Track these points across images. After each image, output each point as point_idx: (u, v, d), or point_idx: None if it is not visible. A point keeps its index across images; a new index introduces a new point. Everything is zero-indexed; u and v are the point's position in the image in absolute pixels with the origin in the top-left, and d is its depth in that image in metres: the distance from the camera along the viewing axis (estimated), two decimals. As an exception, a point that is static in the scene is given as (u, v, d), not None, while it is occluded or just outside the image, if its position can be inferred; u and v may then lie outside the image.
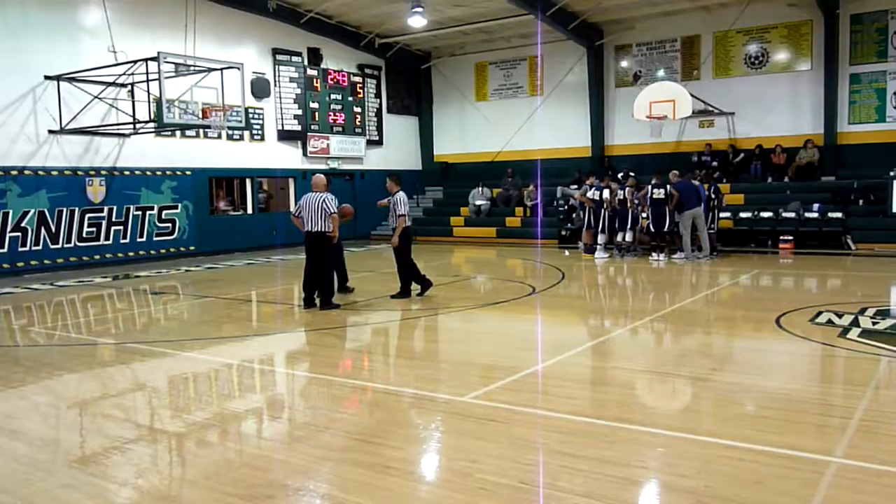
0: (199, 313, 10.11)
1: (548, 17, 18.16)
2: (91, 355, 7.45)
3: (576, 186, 19.16)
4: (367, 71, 21.90)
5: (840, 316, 8.21)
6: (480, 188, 21.36)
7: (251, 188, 19.20)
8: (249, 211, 19.34)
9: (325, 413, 5.36)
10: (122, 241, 15.87)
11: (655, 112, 17.02)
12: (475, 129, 22.96)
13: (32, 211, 14.34)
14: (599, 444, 4.42)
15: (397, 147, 23.14)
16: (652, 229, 14.82)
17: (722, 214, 16.08)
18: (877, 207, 16.33)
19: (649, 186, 14.73)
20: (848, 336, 7.24)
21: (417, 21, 18.48)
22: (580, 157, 20.68)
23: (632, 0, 18.35)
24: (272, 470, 4.16)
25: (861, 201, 16.66)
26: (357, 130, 21.44)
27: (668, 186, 14.50)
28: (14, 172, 14.07)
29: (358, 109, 21.47)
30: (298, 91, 19.71)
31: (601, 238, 15.45)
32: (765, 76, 18.52)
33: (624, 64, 20.46)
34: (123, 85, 15.14)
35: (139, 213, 16.17)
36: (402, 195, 10.09)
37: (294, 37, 19.54)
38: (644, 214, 15.06)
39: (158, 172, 16.52)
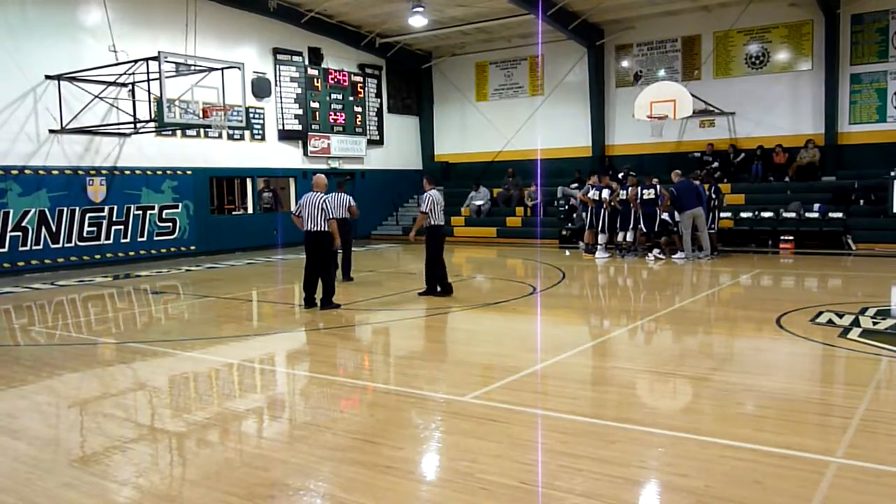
0: (200, 313, 10.11)
1: (548, 17, 18.14)
2: (92, 355, 7.46)
3: (576, 185, 19.17)
4: (368, 70, 21.91)
5: (841, 316, 8.21)
6: (476, 189, 21.28)
7: (252, 188, 19.22)
8: (250, 211, 19.37)
9: (325, 413, 5.36)
10: (122, 241, 15.87)
11: (656, 112, 17.02)
12: (476, 128, 22.97)
13: (33, 210, 14.34)
14: (599, 444, 4.42)
15: (398, 147, 23.15)
16: (644, 229, 14.85)
17: (723, 214, 16.08)
18: (877, 207, 16.33)
19: (639, 187, 14.75)
20: (848, 336, 7.24)
21: (418, 21, 18.49)
22: (580, 157, 20.67)
23: (632, 0, 18.35)
24: (272, 470, 4.16)
25: (862, 201, 16.66)
26: (358, 130, 21.44)
27: (658, 187, 14.54)
28: (14, 172, 14.08)
29: (358, 109, 21.47)
30: (299, 91, 19.72)
31: (602, 238, 15.46)
32: (765, 76, 18.52)
33: (624, 64, 20.46)
34: (124, 84, 15.15)
35: (140, 212, 16.17)
36: (430, 194, 10.15)
37: (294, 36, 19.54)
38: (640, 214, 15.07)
39: (159, 172, 16.53)
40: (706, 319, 8.96)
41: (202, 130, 17.19)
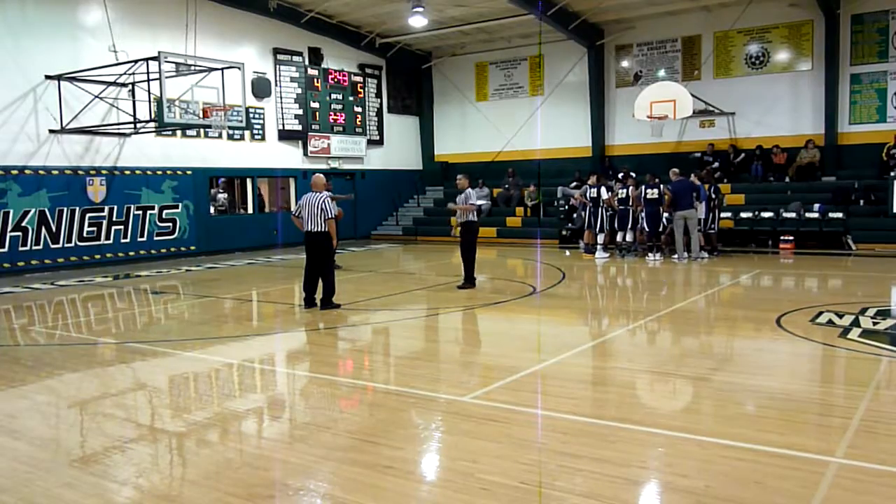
0: (200, 313, 10.11)
1: (548, 17, 18.15)
2: (92, 355, 7.45)
3: (575, 185, 19.18)
4: (368, 70, 21.91)
5: (841, 316, 8.21)
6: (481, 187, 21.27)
7: (252, 188, 19.22)
8: (250, 211, 19.37)
9: (325, 413, 5.36)
10: (122, 241, 15.87)
11: (656, 112, 17.02)
12: (476, 128, 22.96)
13: (33, 210, 14.34)
14: (599, 444, 4.42)
15: (398, 147, 23.16)
16: (647, 229, 14.83)
17: (723, 215, 16.07)
18: (877, 208, 16.34)
19: (643, 186, 14.73)
20: (848, 336, 7.24)
21: (418, 21, 18.48)
22: (580, 157, 20.69)
23: (632, 0, 18.36)
24: (272, 470, 4.17)
25: (862, 201, 16.66)
26: (358, 130, 21.44)
27: (661, 186, 14.50)
28: (15, 172, 14.08)
29: (358, 109, 21.47)
30: (299, 91, 19.72)
31: (601, 238, 15.45)
32: (765, 76, 18.52)
33: (624, 64, 20.46)
34: (124, 84, 15.15)
35: (140, 212, 16.17)
36: (470, 189, 10.88)
37: (295, 36, 19.54)
38: (642, 214, 15.05)
39: (159, 172, 16.53)
40: (706, 319, 8.96)
41: (202, 130, 17.19)
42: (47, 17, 14.52)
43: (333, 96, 20.64)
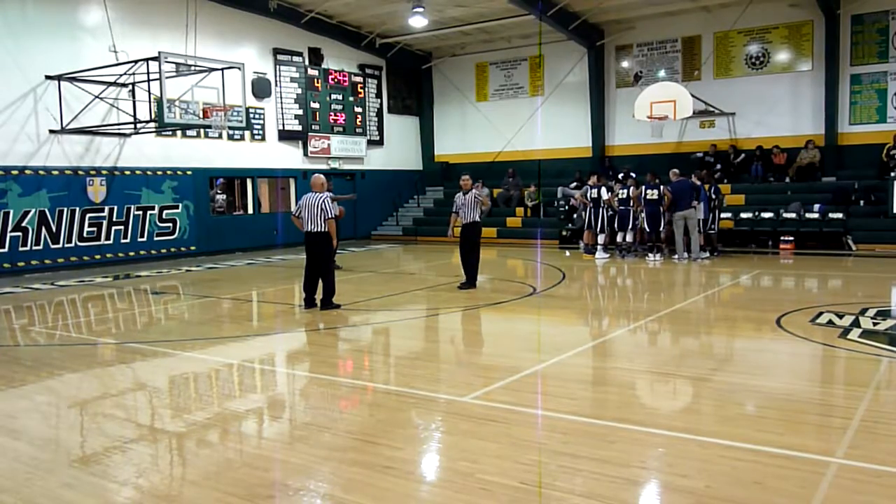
0: (200, 313, 10.11)
1: (548, 17, 18.16)
2: (92, 355, 7.45)
3: (575, 186, 19.18)
4: (368, 71, 21.91)
5: (841, 316, 8.21)
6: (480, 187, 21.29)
7: (252, 188, 19.22)
8: (250, 211, 19.37)
9: (325, 413, 5.36)
10: (122, 241, 15.88)
11: (656, 112, 17.02)
12: (476, 129, 22.96)
13: (33, 211, 14.35)
14: (599, 444, 4.42)
15: (398, 147, 23.16)
16: (647, 229, 14.83)
17: (723, 215, 16.07)
18: (877, 208, 16.33)
19: (643, 187, 14.74)
20: (849, 337, 7.24)
21: (418, 21, 18.50)
22: (580, 158, 20.69)
23: (632, 0, 18.36)
24: (272, 470, 4.16)
25: (862, 202, 16.66)
26: (358, 130, 21.44)
27: (662, 187, 14.49)
28: (15, 172, 14.08)
29: (359, 109, 21.48)
30: (299, 91, 19.72)
31: (601, 238, 15.45)
32: (765, 76, 18.52)
33: (625, 64, 20.46)
34: (124, 85, 15.15)
35: (140, 212, 16.17)
36: (477, 189, 10.90)
37: (295, 37, 19.55)
38: (642, 214, 15.04)
39: (159, 172, 16.53)
40: (706, 320, 8.96)
41: (202, 131, 17.19)
42: (47, 17, 14.52)
43: (333, 96, 20.64)
